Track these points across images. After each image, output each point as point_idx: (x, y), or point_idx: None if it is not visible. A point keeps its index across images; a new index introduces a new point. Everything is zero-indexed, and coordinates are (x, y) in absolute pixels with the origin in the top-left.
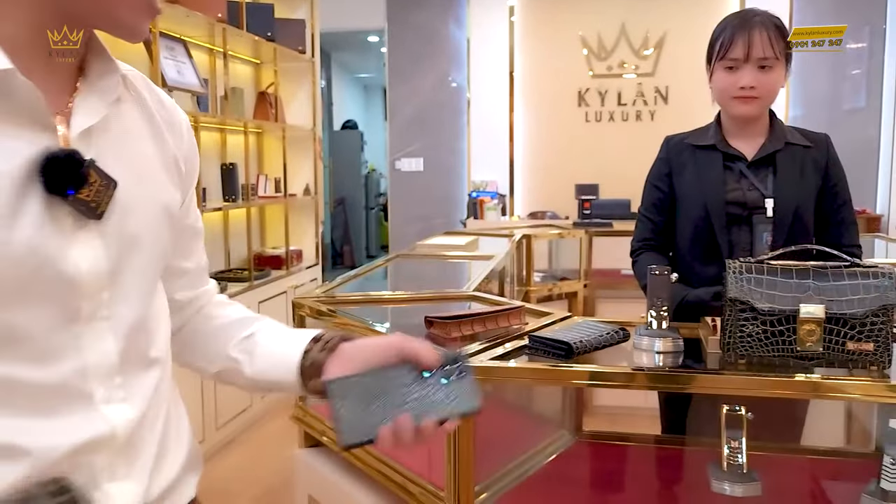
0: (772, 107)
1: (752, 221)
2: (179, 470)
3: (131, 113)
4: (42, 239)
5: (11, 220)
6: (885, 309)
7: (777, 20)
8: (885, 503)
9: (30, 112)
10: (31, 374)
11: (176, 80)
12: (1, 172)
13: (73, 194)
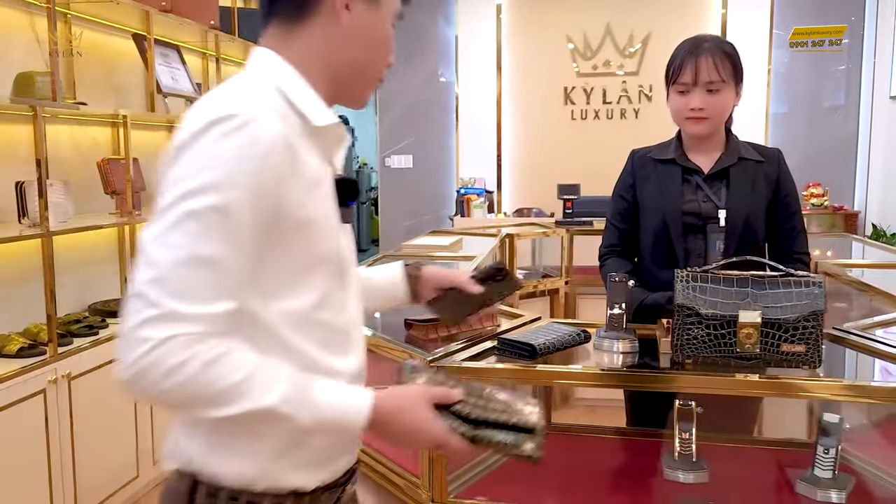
0: (757, 105)
1: (707, 230)
2: None
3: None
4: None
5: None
6: (815, 314)
7: (726, 46)
8: (817, 488)
9: (332, 148)
10: (334, 323)
11: (170, 87)
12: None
13: (351, 204)
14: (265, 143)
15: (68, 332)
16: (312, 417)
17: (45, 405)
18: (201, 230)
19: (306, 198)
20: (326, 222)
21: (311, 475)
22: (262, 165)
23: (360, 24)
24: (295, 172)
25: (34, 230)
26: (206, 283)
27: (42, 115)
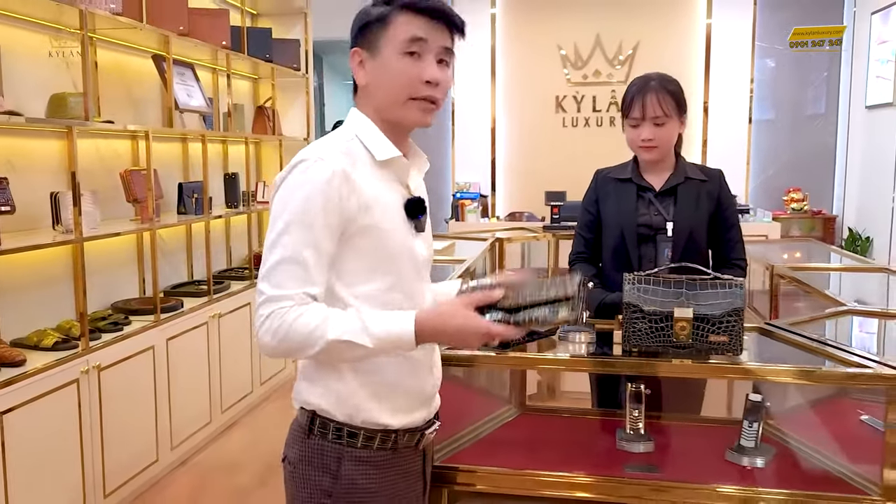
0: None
1: (657, 240)
2: None
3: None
4: (410, 237)
5: (406, 226)
6: (736, 310)
7: (669, 85)
8: (742, 456)
9: (401, 176)
10: (403, 304)
11: (186, 103)
12: (398, 205)
13: (420, 218)
14: (325, 176)
15: (96, 328)
16: (373, 340)
17: (78, 393)
18: (290, 240)
19: (367, 210)
20: (391, 228)
21: (396, 418)
22: (325, 190)
23: (373, 75)
24: (353, 193)
25: (68, 236)
26: (294, 276)
27: (75, 133)
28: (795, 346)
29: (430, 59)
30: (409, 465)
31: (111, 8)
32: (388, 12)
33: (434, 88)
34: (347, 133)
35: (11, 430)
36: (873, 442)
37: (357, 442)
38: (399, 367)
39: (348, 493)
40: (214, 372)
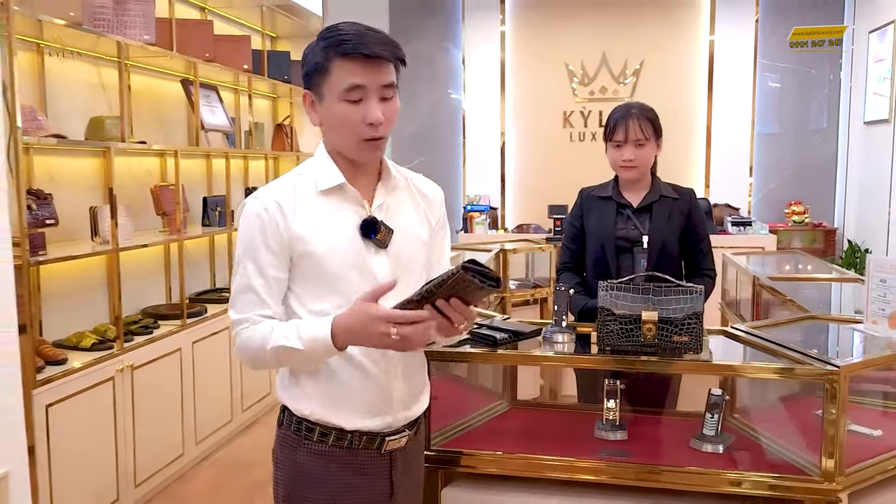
0: (742, 127)
1: (634, 251)
2: None
3: (404, 194)
4: (362, 256)
5: (357, 247)
6: (696, 314)
7: (648, 112)
8: (703, 443)
9: (354, 200)
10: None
11: (211, 123)
12: (350, 227)
13: (373, 237)
14: (258, 211)
15: (129, 331)
16: (302, 342)
17: (114, 390)
18: (243, 272)
19: (301, 238)
20: (330, 252)
21: (348, 422)
22: (260, 225)
23: (323, 118)
24: (288, 223)
25: (105, 246)
26: (249, 301)
27: (112, 152)
28: (754, 346)
29: (372, 101)
30: (369, 465)
31: (145, 39)
32: (325, 61)
33: (378, 128)
34: (298, 169)
35: (55, 422)
36: (820, 432)
37: (313, 436)
38: (351, 375)
39: (300, 477)
40: (235, 374)
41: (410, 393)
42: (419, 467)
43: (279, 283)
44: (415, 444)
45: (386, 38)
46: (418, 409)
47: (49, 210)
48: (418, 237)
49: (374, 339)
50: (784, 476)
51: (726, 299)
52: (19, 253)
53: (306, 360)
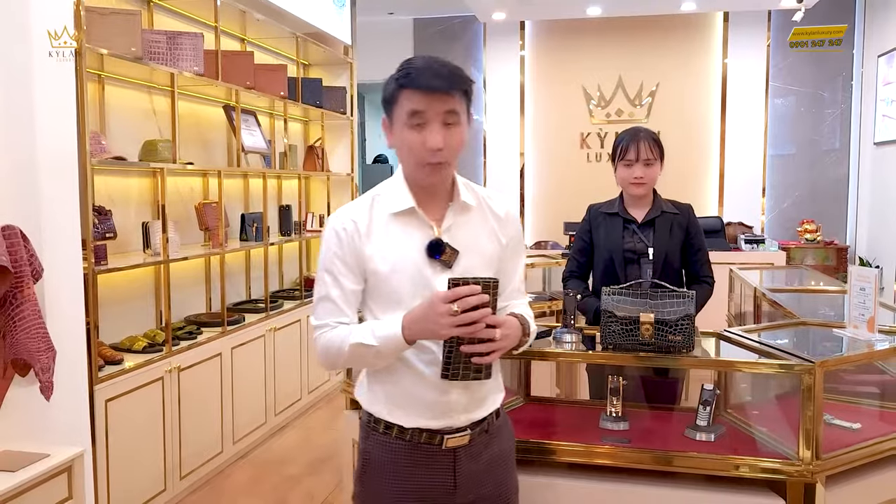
0: (755, 148)
1: (640, 262)
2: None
3: (475, 215)
4: (426, 276)
5: (422, 267)
6: (688, 316)
7: (653, 135)
8: (696, 432)
9: (423, 222)
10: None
11: (250, 146)
12: (416, 248)
13: (438, 258)
14: (337, 228)
15: (175, 336)
16: (377, 339)
17: (163, 389)
18: (322, 283)
19: (370, 257)
20: (394, 271)
21: (408, 420)
22: (338, 240)
23: (394, 143)
24: (362, 241)
25: (157, 258)
26: (328, 310)
27: (165, 173)
28: (743, 347)
29: (434, 126)
30: (431, 458)
31: (195, 70)
32: (394, 91)
33: (438, 154)
34: (376, 189)
35: (112, 415)
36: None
37: (380, 428)
38: (412, 382)
39: (368, 463)
40: (270, 379)
41: (471, 400)
42: (499, 463)
43: (354, 294)
44: (486, 440)
45: (447, 71)
46: (483, 412)
47: (109, 225)
48: (486, 256)
49: (438, 321)
50: (767, 460)
51: (732, 311)
52: (86, 264)
53: (378, 356)
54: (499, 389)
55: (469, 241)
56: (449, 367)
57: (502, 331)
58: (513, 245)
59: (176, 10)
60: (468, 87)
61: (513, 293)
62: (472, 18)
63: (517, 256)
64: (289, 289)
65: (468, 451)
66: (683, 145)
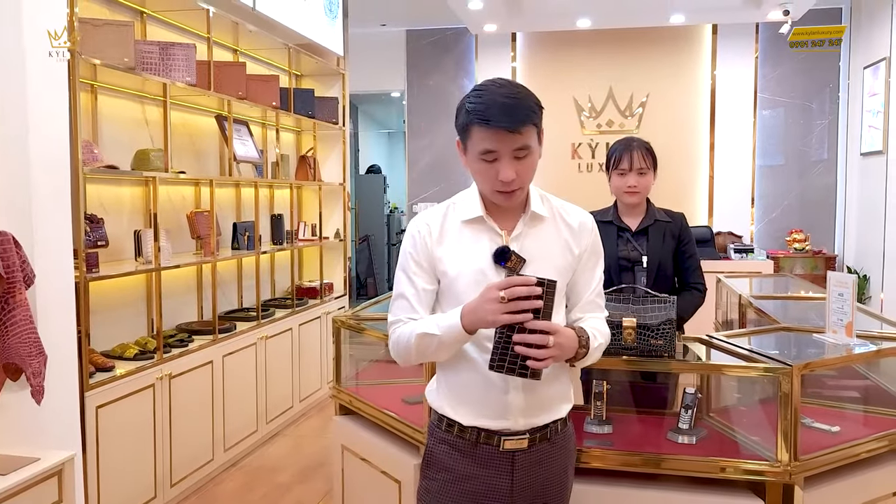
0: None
1: (634, 270)
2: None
3: (548, 226)
4: (491, 279)
5: (487, 273)
6: (670, 321)
7: (647, 144)
8: (678, 435)
9: (492, 230)
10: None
11: (242, 155)
12: (484, 255)
13: (503, 264)
14: (413, 231)
15: (167, 344)
16: (439, 329)
17: (154, 397)
18: (399, 282)
19: (441, 259)
20: (460, 275)
21: (466, 418)
22: (415, 242)
23: (468, 166)
24: (435, 244)
25: (149, 266)
26: (402, 307)
27: (157, 181)
28: (725, 351)
29: (504, 161)
30: (489, 459)
31: (187, 80)
32: (467, 123)
33: (509, 184)
34: (454, 198)
35: (103, 422)
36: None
37: (442, 425)
38: (473, 381)
39: (431, 458)
40: (261, 387)
41: (531, 404)
42: (559, 475)
43: (427, 293)
44: (548, 449)
45: (518, 108)
46: (545, 419)
47: (101, 233)
48: (557, 266)
49: (487, 306)
50: (746, 462)
51: (719, 318)
52: (78, 271)
53: (441, 346)
54: (565, 399)
55: (539, 250)
56: (495, 358)
57: (555, 338)
58: (587, 256)
59: (169, 22)
60: (536, 120)
61: (587, 305)
62: (463, 30)
63: (592, 268)
64: (280, 297)
65: (528, 456)
66: (673, 156)
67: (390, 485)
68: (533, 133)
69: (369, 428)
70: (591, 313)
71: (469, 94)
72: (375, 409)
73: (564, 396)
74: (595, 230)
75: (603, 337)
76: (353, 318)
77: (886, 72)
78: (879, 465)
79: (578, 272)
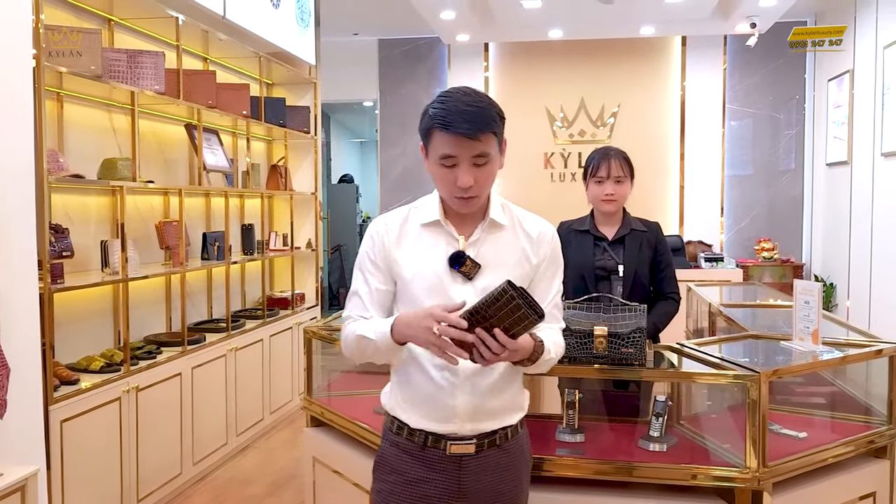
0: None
1: (611, 278)
2: None
3: (507, 234)
4: (446, 285)
5: (442, 276)
6: (640, 329)
7: (624, 154)
8: (649, 442)
9: (450, 234)
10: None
11: (212, 165)
12: (440, 258)
13: (458, 268)
14: (371, 232)
15: (134, 356)
16: (374, 334)
17: (120, 410)
18: (355, 280)
19: (397, 261)
20: (415, 278)
21: (413, 420)
22: (372, 243)
23: (429, 171)
24: (392, 246)
25: (115, 277)
26: (355, 305)
27: (125, 191)
28: (695, 359)
29: (464, 167)
30: (437, 462)
31: (156, 89)
32: (429, 127)
33: (467, 190)
34: (416, 202)
35: (68, 436)
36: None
37: (393, 427)
38: (421, 382)
39: (381, 460)
40: (231, 399)
41: (478, 410)
42: (511, 482)
43: (380, 293)
44: (498, 456)
45: (479, 116)
46: (493, 426)
47: (66, 243)
48: (513, 275)
49: (419, 331)
50: (715, 468)
51: (690, 327)
52: (42, 283)
53: (377, 351)
54: (516, 407)
55: (496, 257)
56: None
57: (509, 353)
58: (545, 266)
59: (137, 29)
60: (496, 129)
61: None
62: (436, 40)
63: (550, 278)
64: (251, 308)
65: (476, 462)
66: (644, 166)
67: (362, 497)
68: (493, 141)
69: (341, 439)
70: (547, 324)
71: (434, 100)
72: (347, 421)
73: (515, 404)
74: (554, 241)
75: (556, 351)
76: (325, 328)
77: (850, 84)
78: (846, 470)
79: (536, 281)
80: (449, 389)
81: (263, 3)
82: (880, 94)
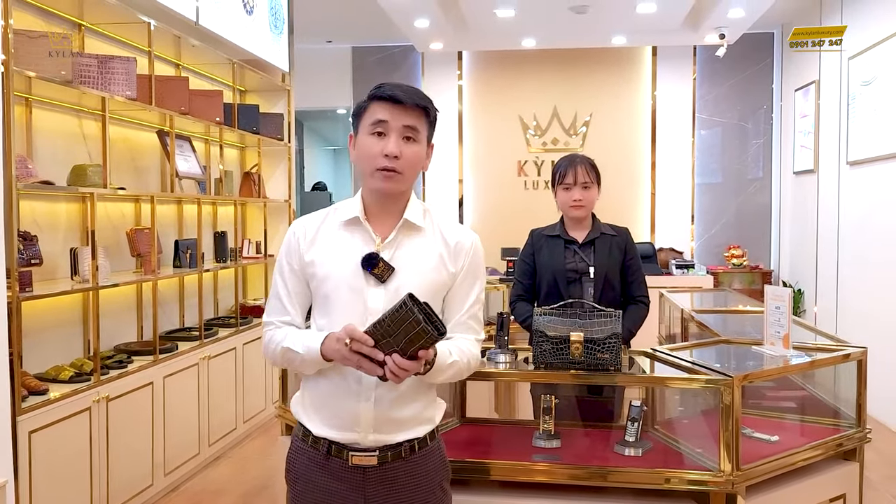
0: (683, 177)
1: (582, 281)
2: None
3: (425, 238)
4: (359, 287)
5: (355, 277)
6: (615, 334)
7: (590, 161)
8: (625, 447)
9: (367, 234)
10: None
11: (184, 171)
12: (355, 259)
13: (370, 270)
14: (289, 234)
15: (104, 365)
16: (302, 348)
17: (90, 420)
18: (274, 283)
19: (313, 261)
20: (330, 276)
21: (317, 428)
22: (288, 246)
23: (355, 154)
24: (308, 245)
25: (85, 285)
26: (275, 308)
27: (95, 198)
28: (669, 364)
29: (394, 137)
30: (340, 472)
31: (127, 94)
32: (364, 104)
33: (393, 161)
34: (337, 204)
35: (36, 447)
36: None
37: (300, 433)
38: (328, 388)
39: (290, 466)
40: (203, 409)
41: (384, 420)
42: (420, 494)
43: (298, 295)
44: (404, 468)
45: (416, 92)
46: (398, 438)
47: (34, 251)
48: (427, 280)
49: (334, 347)
50: (690, 472)
51: (663, 332)
52: (10, 291)
53: (304, 364)
54: (424, 420)
55: (411, 261)
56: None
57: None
58: (462, 276)
59: (108, 35)
60: (429, 109)
61: (457, 326)
62: (410, 48)
63: (468, 289)
64: (224, 316)
65: (380, 474)
66: (616, 174)
67: None
68: (423, 123)
69: None
70: (461, 334)
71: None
72: None
73: (424, 417)
74: (475, 252)
75: (464, 358)
76: None
77: (816, 94)
78: (816, 473)
79: (453, 290)
80: (354, 398)
81: (236, 10)
82: (845, 104)
